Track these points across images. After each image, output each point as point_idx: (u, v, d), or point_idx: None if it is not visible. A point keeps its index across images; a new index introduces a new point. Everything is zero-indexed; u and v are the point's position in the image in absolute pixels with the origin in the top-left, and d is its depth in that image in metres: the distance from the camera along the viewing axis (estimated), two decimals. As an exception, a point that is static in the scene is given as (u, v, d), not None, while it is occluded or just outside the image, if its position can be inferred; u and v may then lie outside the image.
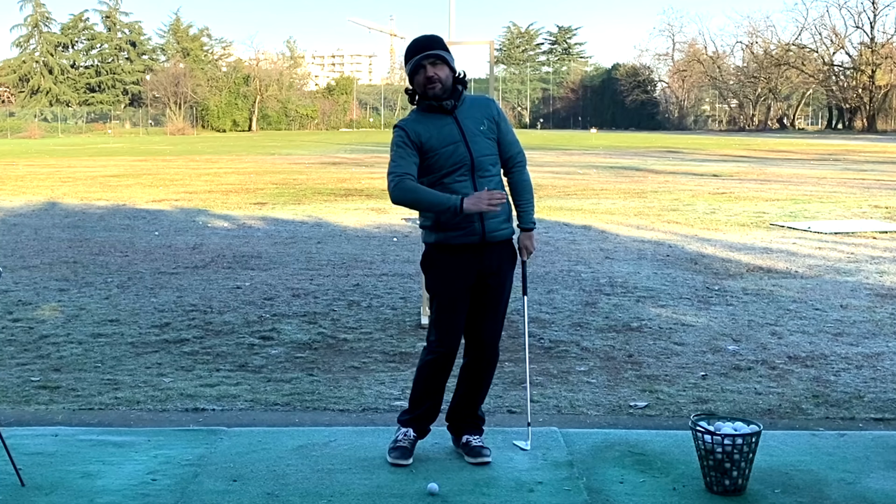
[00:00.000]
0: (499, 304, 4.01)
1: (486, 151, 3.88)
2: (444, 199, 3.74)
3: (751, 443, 3.65)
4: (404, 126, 3.87)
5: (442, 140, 3.82)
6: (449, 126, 3.84)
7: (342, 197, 17.43)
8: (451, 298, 3.92)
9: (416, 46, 3.86)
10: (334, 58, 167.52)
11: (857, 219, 13.76)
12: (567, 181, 21.51)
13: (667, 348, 6.17)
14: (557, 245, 11.01)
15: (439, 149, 3.81)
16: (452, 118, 3.86)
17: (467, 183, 3.82)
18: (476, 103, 3.95)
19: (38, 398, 5.09)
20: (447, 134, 3.83)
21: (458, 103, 3.88)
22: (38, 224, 13.49)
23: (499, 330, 4.06)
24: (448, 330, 3.96)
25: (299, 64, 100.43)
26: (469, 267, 3.89)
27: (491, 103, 4.00)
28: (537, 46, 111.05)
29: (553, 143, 48.60)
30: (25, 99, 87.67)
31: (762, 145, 45.65)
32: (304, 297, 7.92)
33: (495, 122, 3.94)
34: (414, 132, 3.83)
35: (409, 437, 4.04)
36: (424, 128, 3.84)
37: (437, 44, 3.87)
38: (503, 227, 3.92)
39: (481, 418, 4.17)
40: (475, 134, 3.86)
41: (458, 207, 3.71)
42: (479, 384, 4.09)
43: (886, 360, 5.87)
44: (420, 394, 4.07)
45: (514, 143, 4.01)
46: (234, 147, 45.57)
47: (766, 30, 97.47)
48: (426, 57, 3.81)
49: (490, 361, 4.07)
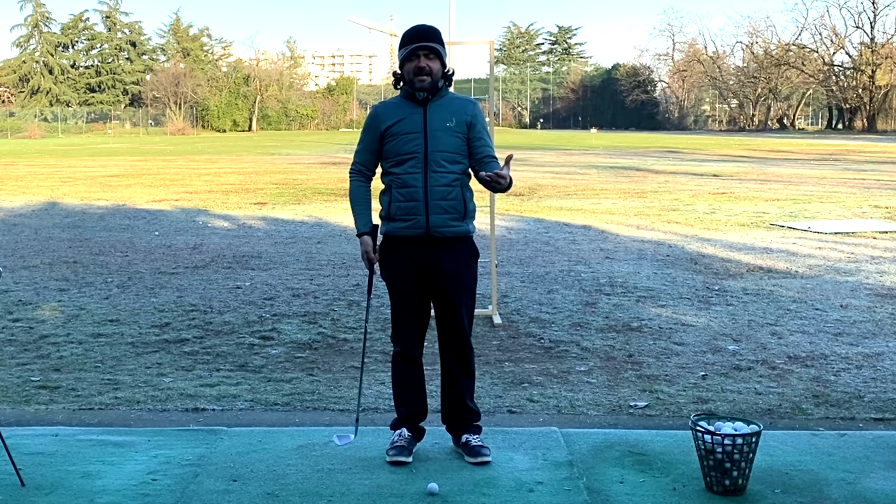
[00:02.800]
0: (456, 307, 3.97)
1: (444, 147, 3.87)
2: (356, 218, 4.03)
3: (751, 443, 3.65)
4: (376, 108, 4.03)
5: (403, 127, 3.88)
6: (416, 116, 3.89)
7: (342, 197, 17.42)
8: (401, 292, 3.99)
9: (415, 35, 3.90)
10: (334, 58, 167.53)
11: (857, 219, 13.76)
12: (567, 181, 21.51)
13: (667, 348, 6.17)
14: (557, 245, 11.01)
15: (398, 135, 3.89)
16: (422, 110, 3.89)
17: (419, 175, 3.86)
18: (455, 103, 3.96)
19: (38, 398, 5.09)
20: (410, 123, 3.88)
21: (432, 97, 3.90)
22: (38, 224, 13.49)
23: (462, 327, 4.01)
24: (402, 324, 4.01)
25: (299, 64, 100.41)
26: (415, 260, 3.91)
27: (470, 106, 3.98)
28: (537, 46, 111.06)
29: (553, 143, 48.61)
30: (25, 99, 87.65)
31: (762, 145, 45.65)
32: (305, 297, 7.92)
33: (467, 123, 3.91)
34: (382, 115, 3.95)
35: (404, 436, 4.05)
36: (394, 112, 3.93)
37: (434, 36, 3.90)
38: (451, 224, 3.89)
39: (475, 413, 4.13)
40: (438, 129, 3.87)
41: (357, 233, 4.00)
42: (453, 378, 4.05)
43: (886, 360, 5.87)
44: (396, 391, 4.12)
45: (485, 147, 3.94)
46: (234, 147, 45.58)
47: (767, 30, 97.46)
48: (423, 47, 3.85)
49: (459, 356, 4.04)
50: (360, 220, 4.00)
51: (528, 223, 13.27)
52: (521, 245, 11.02)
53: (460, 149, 3.91)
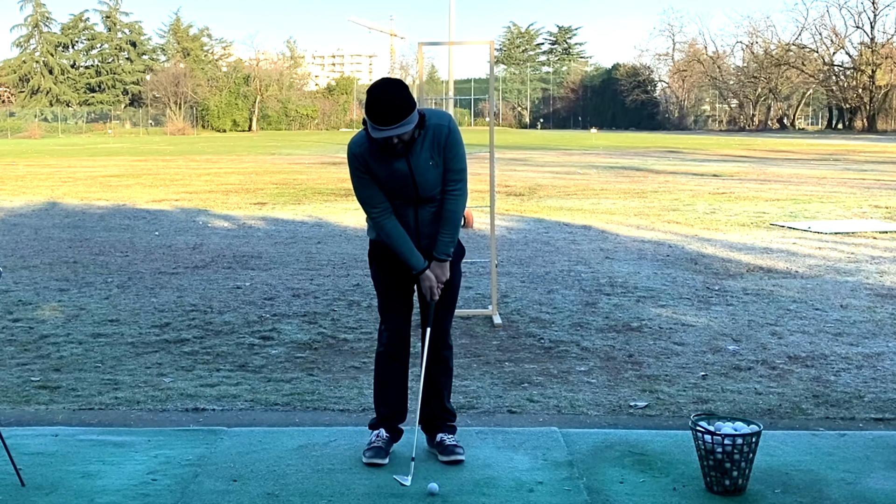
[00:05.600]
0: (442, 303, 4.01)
1: (432, 186, 3.85)
2: (408, 258, 3.88)
3: (751, 443, 3.65)
4: (357, 155, 3.82)
5: (390, 176, 3.80)
6: (399, 164, 3.79)
7: (342, 197, 17.42)
8: (390, 293, 4.02)
9: (379, 115, 3.61)
10: (334, 58, 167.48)
11: (857, 219, 13.76)
12: (567, 181, 21.51)
13: (667, 348, 6.17)
14: (557, 245, 11.01)
15: (386, 182, 3.82)
16: (404, 158, 3.79)
17: (409, 211, 3.89)
18: (431, 134, 3.80)
19: (38, 398, 5.09)
20: (396, 171, 3.79)
21: (411, 148, 3.77)
22: (38, 224, 13.49)
23: (444, 324, 4.05)
24: (391, 320, 4.03)
25: (299, 64, 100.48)
26: (406, 266, 3.93)
27: (443, 129, 3.80)
28: (537, 46, 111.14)
29: (553, 143, 48.62)
30: (25, 99, 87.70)
31: (762, 145, 45.65)
32: (305, 297, 7.92)
33: (443, 150, 3.82)
34: (365, 164, 3.81)
35: (382, 437, 4.05)
36: (374, 162, 3.79)
37: (400, 113, 3.60)
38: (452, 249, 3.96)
39: (451, 414, 4.14)
40: (424, 172, 3.81)
41: (416, 272, 3.90)
42: (434, 376, 4.04)
43: (886, 360, 5.87)
44: (378, 390, 4.11)
45: (452, 171, 3.86)
46: (234, 147, 45.58)
47: (767, 30, 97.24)
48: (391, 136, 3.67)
49: (439, 353, 4.04)
50: (415, 257, 3.88)
51: (528, 223, 13.27)
52: (521, 245, 11.02)
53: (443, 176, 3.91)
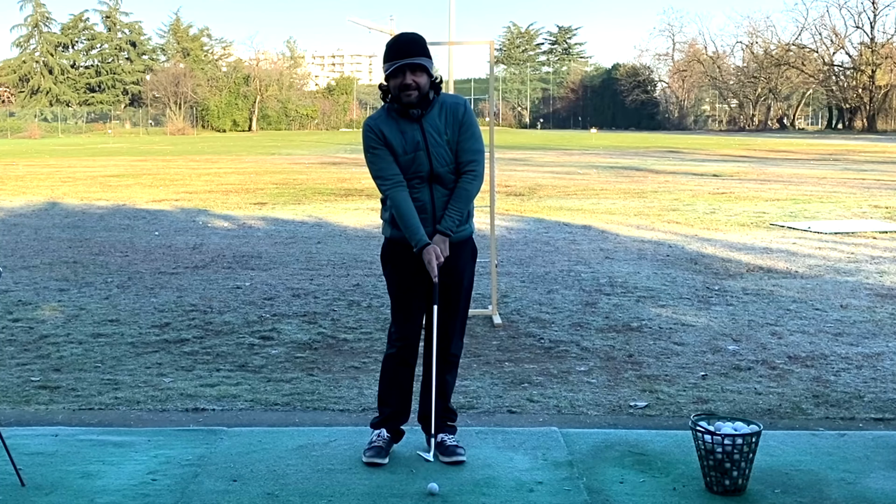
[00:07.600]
0: (454, 304, 3.99)
1: (446, 162, 3.85)
2: (413, 233, 3.82)
3: (751, 443, 3.65)
4: (372, 125, 3.87)
5: (405, 146, 3.81)
6: (414, 132, 3.82)
7: (342, 197, 17.43)
8: (406, 293, 3.97)
9: (398, 49, 3.76)
10: (334, 58, 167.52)
11: (857, 219, 13.76)
12: (567, 181, 21.51)
13: (667, 348, 6.17)
14: (557, 245, 11.01)
15: (401, 154, 3.82)
16: (418, 126, 3.82)
17: (424, 191, 3.86)
18: (446, 108, 3.86)
19: (38, 398, 5.09)
20: (410, 140, 3.81)
21: (426, 111, 3.82)
22: (38, 224, 13.49)
23: (454, 323, 4.03)
24: (404, 323, 4.00)
25: (299, 64, 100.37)
26: (419, 260, 3.88)
27: (460, 107, 3.88)
28: (537, 46, 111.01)
29: (553, 143, 48.61)
30: (25, 99, 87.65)
31: (762, 145, 45.64)
32: (304, 297, 7.92)
33: (458, 127, 3.85)
34: (380, 131, 3.84)
35: (383, 437, 4.05)
36: (389, 130, 3.83)
37: (419, 48, 3.78)
38: (459, 228, 3.92)
39: (453, 413, 4.14)
40: (438, 144, 3.83)
41: (418, 248, 3.82)
42: (440, 376, 4.02)
43: (886, 360, 5.87)
44: (384, 390, 4.10)
45: (469, 152, 3.88)
46: (234, 147, 45.57)
47: (766, 30, 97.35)
48: (407, 65, 3.75)
49: (445, 354, 4.03)
50: (419, 232, 3.82)
51: (528, 223, 13.27)
52: (521, 245, 11.02)
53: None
